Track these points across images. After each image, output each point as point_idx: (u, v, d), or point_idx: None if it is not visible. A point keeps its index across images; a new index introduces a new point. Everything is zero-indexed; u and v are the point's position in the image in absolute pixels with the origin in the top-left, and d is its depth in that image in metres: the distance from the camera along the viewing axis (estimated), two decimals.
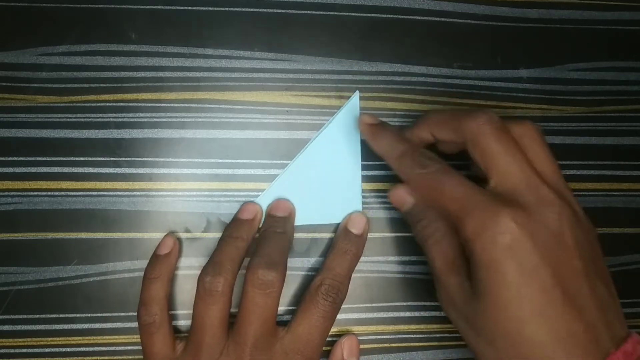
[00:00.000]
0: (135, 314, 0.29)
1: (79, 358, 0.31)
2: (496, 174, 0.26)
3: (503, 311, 0.24)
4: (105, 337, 0.31)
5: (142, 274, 0.31)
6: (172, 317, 0.31)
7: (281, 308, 0.32)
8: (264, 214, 0.31)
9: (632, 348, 0.24)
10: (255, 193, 0.32)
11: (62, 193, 0.31)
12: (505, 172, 0.25)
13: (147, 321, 0.28)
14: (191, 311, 0.28)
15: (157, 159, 0.31)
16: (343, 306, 0.32)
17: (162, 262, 0.30)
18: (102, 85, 0.31)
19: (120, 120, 0.31)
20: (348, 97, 0.33)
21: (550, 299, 0.23)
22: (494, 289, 0.24)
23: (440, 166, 0.27)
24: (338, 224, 0.32)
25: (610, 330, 0.24)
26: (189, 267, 0.31)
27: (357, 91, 0.32)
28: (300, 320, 0.28)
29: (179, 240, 0.31)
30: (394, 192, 0.30)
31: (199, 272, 0.31)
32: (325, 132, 0.32)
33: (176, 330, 0.31)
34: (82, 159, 0.31)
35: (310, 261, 0.32)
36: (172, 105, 0.32)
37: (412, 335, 0.32)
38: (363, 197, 0.32)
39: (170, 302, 0.30)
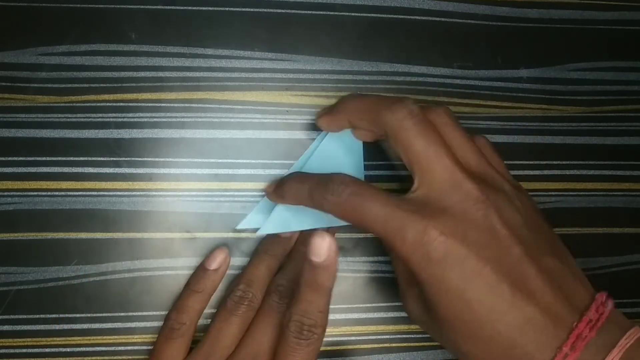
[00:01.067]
0: (136, 313, 0.29)
1: (79, 358, 0.31)
2: (419, 172, 0.25)
3: (458, 319, 0.24)
4: (105, 337, 0.31)
5: (142, 274, 0.31)
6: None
7: None
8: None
9: (596, 313, 0.23)
10: (255, 193, 0.32)
11: (62, 193, 0.31)
12: (428, 170, 0.25)
13: (173, 326, 0.29)
14: None
15: (157, 159, 0.31)
16: (343, 306, 0.32)
17: (209, 277, 0.30)
18: (102, 85, 0.31)
19: (120, 120, 0.31)
20: None
21: (499, 294, 0.23)
22: (442, 302, 0.24)
23: (352, 188, 0.25)
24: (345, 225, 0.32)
25: (571, 303, 0.24)
26: (189, 267, 0.31)
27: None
28: None
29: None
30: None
31: None
32: (326, 136, 0.32)
33: None
34: (82, 159, 0.31)
35: None
36: (172, 105, 0.32)
37: (412, 335, 0.32)
38: None
39: (198, 319, 0.30)
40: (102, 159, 0.31)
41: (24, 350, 0.30)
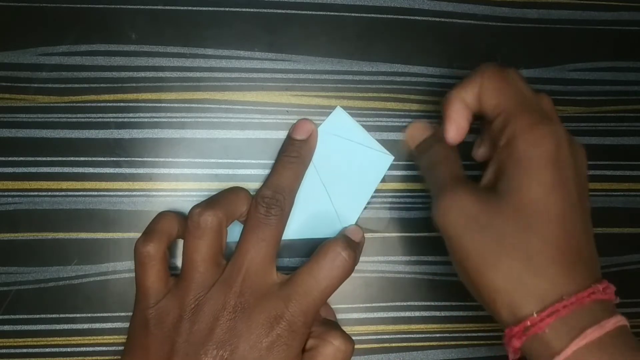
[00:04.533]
0: None
1: (79, 358, 0.31)
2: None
3: (524, 209, 0.24)
4: (105, 337, 0.31)
5: None
6: None
7: None
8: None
9: (610, 289, 0.25)
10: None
11: (62, 193, 0.31)
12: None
13: (143, 251, 0.27)
14: None
15: (157, 159, 0.31)
16: (343, 306, 0.32)
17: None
18: (102, 85, 0.31)
19: (120, 120, 0.31)
20: (348, 97, 0.33)
21: (572, 212, 0.25)
22: (524, 187, 0.25)
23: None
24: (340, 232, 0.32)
25: (590, 271, 0.25)
26: None
27: (338, 107, 0.32)
28: (304, 268, 0.27)
29: None
30: (413, 125, 0.32)
31: None
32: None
33: None
34: (82, 159, 0.31)
35: None
36: (172, 105, 0.32)
37: (412, 335, 0.32)
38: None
39: (172, 243, 0.29)
40: (102, 159, 0.31)
41: (24, 350, 0.30)
